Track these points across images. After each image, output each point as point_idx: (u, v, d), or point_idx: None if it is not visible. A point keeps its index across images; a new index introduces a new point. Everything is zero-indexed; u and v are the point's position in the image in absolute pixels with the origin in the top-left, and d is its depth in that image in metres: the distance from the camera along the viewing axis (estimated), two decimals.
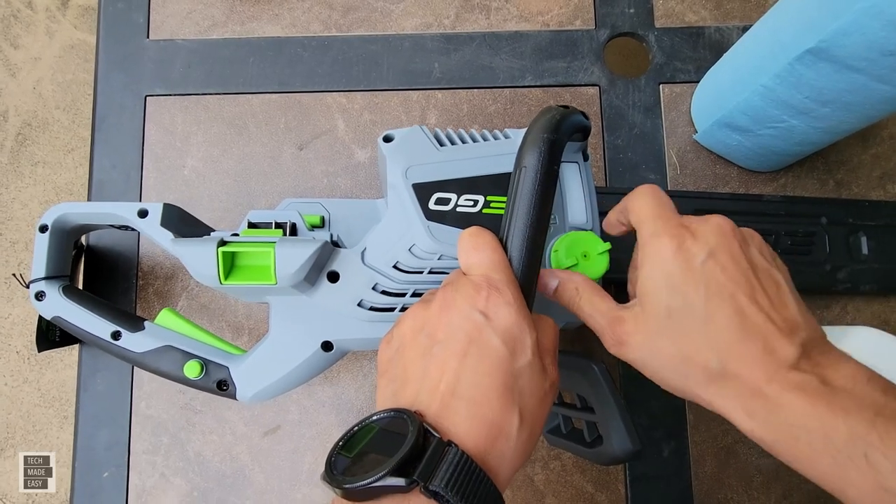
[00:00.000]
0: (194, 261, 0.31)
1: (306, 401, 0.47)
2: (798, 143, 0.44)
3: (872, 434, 0.21)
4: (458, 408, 0.24)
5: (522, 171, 0.29)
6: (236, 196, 0.49)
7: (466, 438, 0.23)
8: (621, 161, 0.50)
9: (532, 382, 0.25)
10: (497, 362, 0.25)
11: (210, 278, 0.31)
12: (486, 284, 0.26)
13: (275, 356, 0.35)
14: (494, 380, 0.24)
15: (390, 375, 0.27)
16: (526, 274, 0.28)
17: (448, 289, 0.27)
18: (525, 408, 0.25)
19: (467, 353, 0.25)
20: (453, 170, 0.34)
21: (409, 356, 0.26)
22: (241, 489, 0.45)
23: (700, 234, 0.26)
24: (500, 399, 0.24)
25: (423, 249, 0.33)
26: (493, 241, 0.28)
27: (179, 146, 0.50)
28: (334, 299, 0.34)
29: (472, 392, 0.24)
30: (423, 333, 0.27)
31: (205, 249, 0.31)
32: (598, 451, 0.34)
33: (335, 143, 0.50)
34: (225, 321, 0.47)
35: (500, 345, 0.25)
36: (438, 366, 0.25)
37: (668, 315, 0.26)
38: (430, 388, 0.25)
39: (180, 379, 0.36)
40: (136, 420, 0.46)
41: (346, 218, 0.47)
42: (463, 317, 0.26)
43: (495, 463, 0.24)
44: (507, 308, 0.26)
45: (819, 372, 0.24)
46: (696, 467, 0.46)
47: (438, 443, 0.22)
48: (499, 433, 0.24)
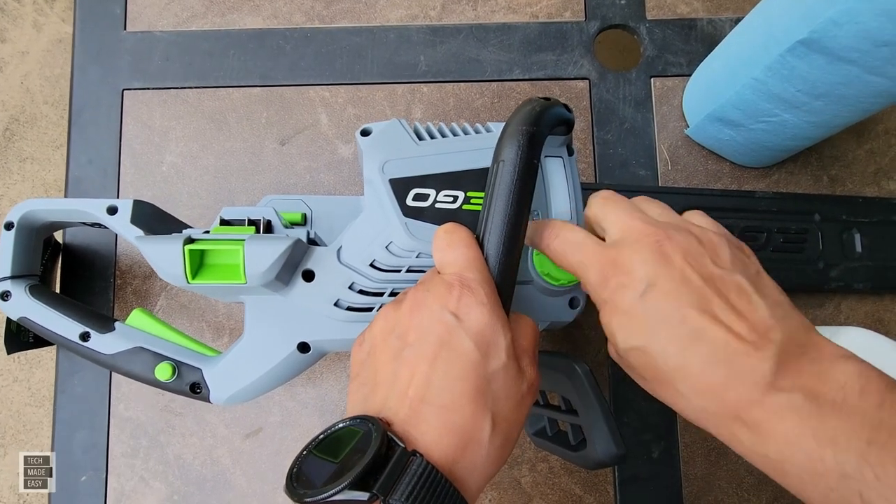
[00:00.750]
0: (160, 259, 0.30)
1: (288, 402, 0.46)
2: (791, 138, 0.43)
3: (866, 470, 0.19)
4: (426, 414, 0.23)
5: (500, 165, 0.27)
6: (216, 193, 0.48)
7: (434, 447, 0.22)
8: (611, 157, 0.49)
9: (507, 386, 0.24)
10: (468, 365, 0.24)
11: (177, 277, 0.30)
12: (458, 284, 0.25)
13: (250, 358, 0.34)
14: (465, 384, 0.23)
15: (361, 379, 0.26)
16: (502, 272, 0.27)
17: (420, 288, 0.26)
18: (499, 413, 0.24)
19: (437, 357, 0.24)
20: (432, 164, 0.33)
21: (380, 359, 0.25)
22: (222, 493, 0.44)
23: (636, 263, 0.24)
24: (471, 404, 0.23)
25: (401, 247, 0.32)
26: (467, 238, 0.27)
27: (158, 141, 0.48)
28: (310, 299, 0.33)
29: (441, 397, 0.23)
30: (393, 335, 0.26)
31: (171, 247, 0.30)
32: (583, 455, 0.33)
33: (318, 138, 0.49)
34: (205, 321, 0.46)
35: (471, 347, 0.24)
36: (408, 370, 0.24)
37: (626, 354, 0.25)
38: (398, 394, 0.24)
39: (152, 381, 0.35)
40: (114, 422, 0.45)
41: (328, 215, 0.45)
42: (434, 318, 0.25)
43: (464, 473, 0.23)
44: (480, 308, 0.24)
45: (804, 383, 0.21)
46: (685, 469, 0.45)
47: (402, 453, 0.21)
48: (469, 440, 0.23)
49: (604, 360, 0.46)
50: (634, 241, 0.25)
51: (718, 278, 0.24)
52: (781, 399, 0.21)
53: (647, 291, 0.23)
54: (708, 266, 0.24)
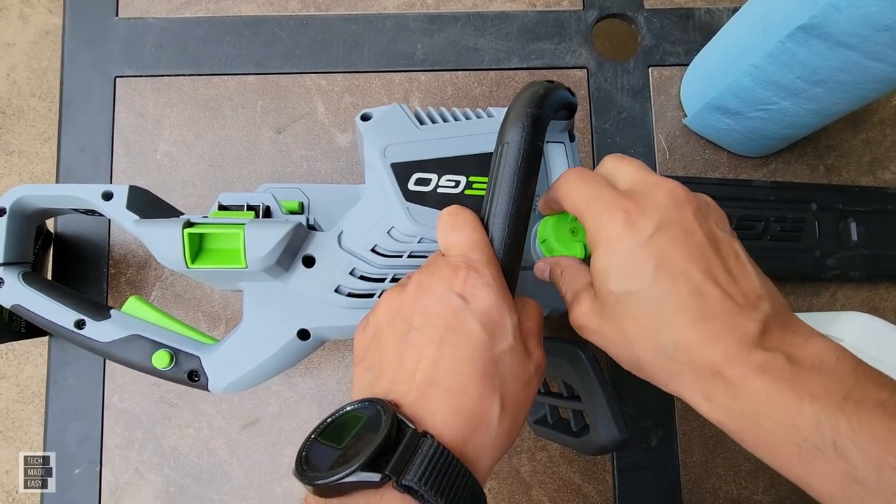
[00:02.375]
0: (159, 243, 0.29)
1: (286, 392, 0.45)
2: (789, 126, 0.43)
3: (841, 420, 0.20)
4: (435, 397, 0.23)
5: (505, 147, 0.27)
6: (211, 182, 0.47)
7: (444, 429, 0.22)
8: (609, 146, 0.49)
9: (514, 367, 0.24)
10: (476, 347, 0.23)
11: (176, 262, 0.29)
12: (464, 265, 0.25)
13: (248, 345, 0.34)
14: (473, 366, 0.23)
15: (366, 363, 0.26)
16: (508, 253, 0.26)
17: (425, 271, 0.26)
18: (507, 394, 0.24)
19: (444, 339, 0.23)
20: (434, 149, 0.32)
21: (386, 343, 0.25)
22: (220, 484, 0.44)
23: (647, 206, 0.24)
24: (479, 386, 0.23)
25: (403, 232, 0.32)
26: (472, 220, 0.27)
27: (151, 130, 0.48)
28: (310, 285, 0.33)
29: (449, 380, 0.23)
30: (399, 319, 0.25)
31: (170, 231, 0.29)
32: (585, 441, 0.33)
33: (314, 126, 0.48)
34: (201, 311, 0.46)
35: (478, 329, 0.24)
36: (415, 353, 0.24)
37: (617, 300, 0.24)
38: (405, 377, 0.23)
39: (149, 370, 0.34)
40: (108, 414, 0.44)
41: (325, 204, 0.45)
42: (439, 300, 0.24)
43: (475, 454, 0.22)
44: (486, 290, 0.24)
45: (785, 349, 0.22)
46: (684, 456, 0.45)
47: (413, 434, 0.21)
48: (478, 422, 0.23)
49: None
50: (651, 186, 0.24)
51: (721, 241, 0.24)
52: (764, 357, 0.21)
53: (656, 233, 0.23)
54: (713, 227, 0.24)
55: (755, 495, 0.45)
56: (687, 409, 0.46)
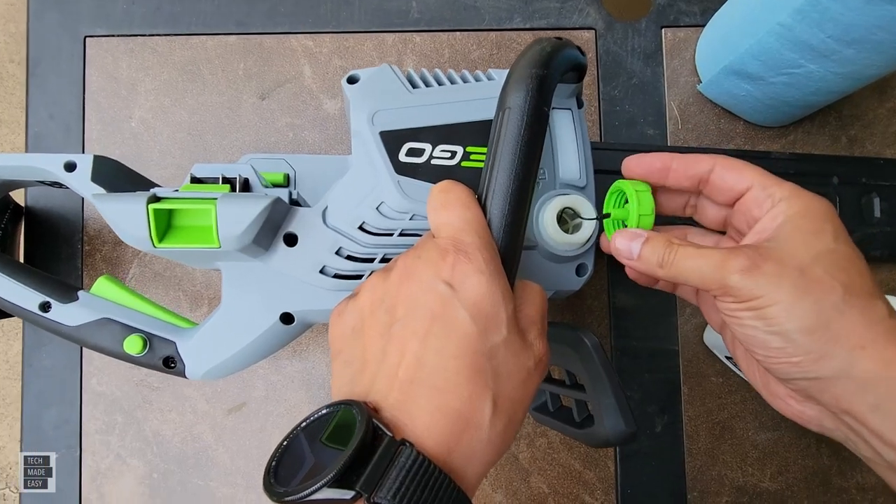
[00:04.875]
0: (121, 220, 0.26)
1: (273, 376, 0.43)
2: (814, 93, 0.39)
3: None
4: (418, 397, 0.20)
5: (506, 112, 0.24)
6: (191, 151, 0.44)
7: (426, 434, 0.20)
8: (618, 114, 0.46)
9: (509, 362, 0.22)
10: (465, 341, 0.21)
11: (141, 241, 0.27)
12: (452, 249, 0.22)
13: (228, 330, 0.31)
14: (461, 362, 0.21)
15: (346, 357, 0.23)
16: (507, 235, 0.24)
17: (411, 255, 0.23)
18: (500, 393, 0.21)
19: (430, 332, 0.21)
20: (428, 116, 0.29)
21: (368, 336, 0.23)
22: (205, 470, 0.42)
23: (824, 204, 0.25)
24: (468, 384, 0.20)
25: (393, 208, 0.29)
26: (465, 197, 0.24)
27: (125, 94, 0.44)
28: (293, 265, 0.30)
29: (435, 378, 0.20)
30: (382, 308, 0.23)
31: (133, 206, 0.26)
32: (589, 433, 0.31)
33: (301, 91, 0.45)
34: (182, 290, 0.43)
35: (467, 320, 0.21)
36: (398, 348, 0.21)
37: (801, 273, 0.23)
38: (387, 375, 0.21)
39: (120, 355, 0.32)
40: (86, 398, 0.42)
41: (313, 176, 0.42)
42: (425, 289, 0.22)
43: (461, 462, 0.20)
44: (477, 277, 0.22)
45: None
46: (689, 443, 0.43)
47: (389, 443, 0.19)
48: (467, 425, 0.20)
49: (606, 332, 0.44)
50: None
51: None
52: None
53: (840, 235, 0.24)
54: None
55: (762, 482, 0.43)
56: (694, 393, 0.44)
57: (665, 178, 0.28)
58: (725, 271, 0.24)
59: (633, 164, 0.29)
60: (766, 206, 0.26)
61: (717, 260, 0.24)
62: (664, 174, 0.28)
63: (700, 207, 0.30)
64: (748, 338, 0.25)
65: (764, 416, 0.44)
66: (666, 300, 0.44)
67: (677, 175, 0.28)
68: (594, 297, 0.45)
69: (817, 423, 0.26)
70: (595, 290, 0.44)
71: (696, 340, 0.44)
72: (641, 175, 0.29)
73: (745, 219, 0.27)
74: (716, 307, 0.30)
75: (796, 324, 0.23)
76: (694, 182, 0.28)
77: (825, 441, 0.44)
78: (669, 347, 0.44)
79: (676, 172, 0.28)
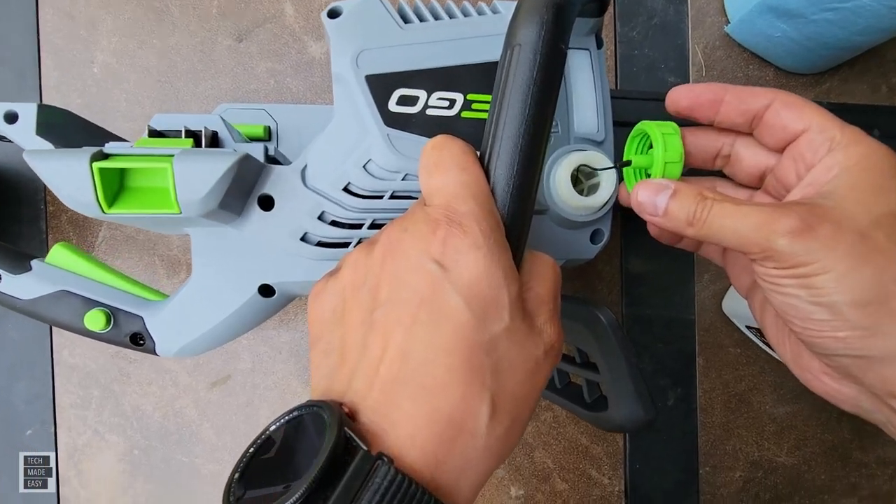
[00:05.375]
0: (61, 181, 0.23)
1: (260, 347, 0.40)
2: (861, 31, 0.35)
3: None
4: (402, 399, 0.17)
5: (516, 50, 0.20)
6: (161, 100, 0.40)
7: (409, 446, 0.17)
8: (636, 59, 0.41)
9: (512, 354, 0.18)
10: (458, 332, 0.17)
11: (87, 206, 0.23)
12: (444, 221, 0.18)
13: (201, 303, 0.28)
14: (453, 358, 0.17)
15: (325, 345, 0.20)
16: (516, 201, 0.20)
17: (396, 227, 0.20)
18: (501, 391, 0.18)
19: (417, 320, 0.18)
20: (423, 57, 0.25)
21: (349, 320, 0.19)
22: (189, 446, 0.40)
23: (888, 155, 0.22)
24: (461, 384, 0.17)
25: (382, 167, 0.25)
26: (462, 156, 0.20)
27: (84, 36, 0.39)
28: (270, 232, 0.26)
29: (422, 376, 0.17)
30: (365, 289, 0.19)
31: (75, 165, 0.22)
32: (601, 417, 0.28)
33: (282, 33, 0.40)
34: (157, 255, 0.40)
35: (461, 306, 0.17)
36: (380, 338, 0.18)
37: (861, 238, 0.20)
38: (367, 371, 0.18)
39: (82, 331, 0.28)
40: (59, 371, 0.39)
41: (297, 129, 0.38)
42: (412, 268, 0.18)
43: (452, 475, 0.17)
44: (473, 253, 0.18)
45: None
46: (703, 416, 0.41)
47: (364, 458, 0.16)
48: (459, 432, 0.17)
49: (617, 300, 0.41)
50: None
51: None
52: None
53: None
54: None
55: (778, 457, 0.41)
56: (710, 365, 0.41)
57: (714, 112, 0.25)
58: (771, 233, 0.21)
59: (681, 95, 0.25)
60: (821, 151, 0.22)
61: (762, 219, 0.21)
62: (714, 108, 0.25)
63: (735, 157, 0.26)
64: (787, 306, 0.22)
65: (783, 388, 0.41)
66: (683, 265, 0.41)
67: (729, 110, 0.24)
68: (605, 262, 0.41)
69: (853, 403, 0.24)
70: (606, 255, 0.41)
71: (713, 308, 0.41)
72: (688, 108, 0.26)
73: (795, 167, 0.23)
74: (747, 269, 0.27)
75: (848, 296, 0.20)
76: (748, 118, 0.24)
77: (847, 414, 0.41)
78: (686, 316, 0.41)
79: (728, 106, 0.24)
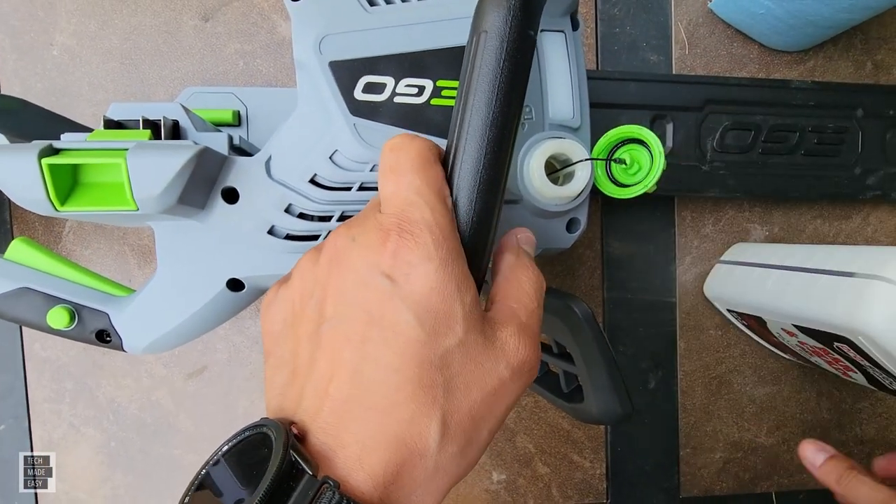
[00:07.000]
0: (9, 178, 0.21)
1: (236, 337, 0.39)
2: (847, 8, 0.34)
3: None
4: (350, 421, 0.16)
5: (482, 37, 0.19)
6: (125, 84, 0.38)
7: (357, 468, 0.16)
8: (617, 37, 0.40)
9: (468, 368, 0.17)
10: (408, 349, 0.17)
11: (38, 203, 0.22)
12: (396, 230, 0.17)
13: (168, 299, 0.27)
14: (402, 376, 0.17)
15: (275, 360, 0.19)
16: (481, 202, 0.19)
17: (343, 234, 0.19)
18: (455, 409, 0.17)
19: (366, 338, 0.17)
20: (390, 42, 0.24)
21: (299, 333, 0.19)
22: (167, 437, 0.39)
23: None
24: (409, 403, 0.17)
25: (349, 157, 0.24)
26: (418, 157, 0.19)
27: (42, 16, 0.37)
28: (237, 226, 0.26)
29: (372, 396, 0.17)
30: (312, 301, 0.18)
31: (23, 161, 0.21)
32: (578, 408, 0.28)
33: (251, 11, 0.38)
34: (127, 245, 0.39)
35: (411, 323, 0.17)
36: (328, 355, 0.17)
37: None
38: (315, 390, 0.17)
39: (46, 329, 0.28)
40: (30, 364, 0.39)
41: (268, 113, 0.37)
42: (359, 282, 0.17)
43: (402, 496, 0.17)
44: (424, 266, 0.17)
45: None
46: (683, 399, 0.41)
47: (308, 482, 0.15)
48: (409, 453, 0.17)
49: (598, 284, 0.41)
50: None
51: None
52: None
53: None
54: None
55: (758, 437, 0.42)
56: (691, 347, 0.41)
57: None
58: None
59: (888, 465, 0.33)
60: None
61: (885, 496, 0.28)
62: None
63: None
64: None
65: (763, 370, 0.41)
66: (664, 248, 0.41)
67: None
68: (586, 246, 0.41)
69: None
70: (587, 239, 0.40)
71: (695, 291, 0.41)
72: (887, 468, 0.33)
73: None
74: None
75: None
76: None
77: (825, 395, 0.42)
78: (666, 299, 0.41)
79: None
